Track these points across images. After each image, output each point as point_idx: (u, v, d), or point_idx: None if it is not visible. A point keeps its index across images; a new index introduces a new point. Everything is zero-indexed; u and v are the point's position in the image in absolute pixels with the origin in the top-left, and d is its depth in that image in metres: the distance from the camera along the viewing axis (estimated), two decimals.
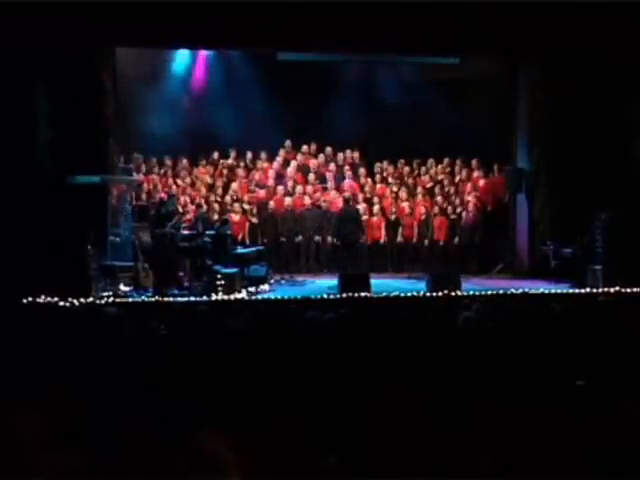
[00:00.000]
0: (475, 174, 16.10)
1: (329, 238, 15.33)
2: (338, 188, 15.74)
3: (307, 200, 15.44)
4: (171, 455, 2.67)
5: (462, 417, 3.35)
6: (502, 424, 3.28)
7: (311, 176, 15.91)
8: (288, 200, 15.42)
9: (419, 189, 15.94)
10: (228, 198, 15.20)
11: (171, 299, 11.47)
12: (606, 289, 12.11)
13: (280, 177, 15.95)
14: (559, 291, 12.40)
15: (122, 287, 12.29)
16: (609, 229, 13.04)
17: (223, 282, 11.98)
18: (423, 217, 15.58)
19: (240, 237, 14.85)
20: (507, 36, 12.57)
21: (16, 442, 2.78)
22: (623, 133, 14.30)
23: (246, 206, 15.28)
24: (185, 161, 15.79)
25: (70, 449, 2.79)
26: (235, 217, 14.85)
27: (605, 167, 14.03)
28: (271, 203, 15.44)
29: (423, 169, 16.40)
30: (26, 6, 10.81)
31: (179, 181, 15.46)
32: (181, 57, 15.99)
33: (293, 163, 16.09)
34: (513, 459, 3.01)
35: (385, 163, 16.39)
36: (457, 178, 16.24)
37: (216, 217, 14.44)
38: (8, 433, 2.82)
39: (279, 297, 11.78)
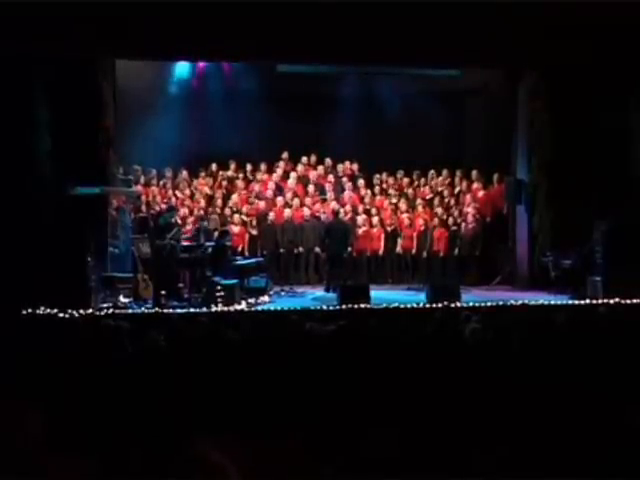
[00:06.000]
0: (475, 185, 16.11)
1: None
2: (337, 199, 15.75)
3: (306, 211, 15.45)
4: (170, 464, 2.66)
5: (462, 423, 3.35)
6: (502, 430, 3.28)
7: (310, 187, 15.93)
8: (287, 211, 15.42)
9: (419, 200, 15.95)
10: (228, 210, 15.22)
11: (171, 310, 11.46)
12: (606, 300, 12.10)
13: (279, 188, 15.96)
14: (559, 302, 12.40)
15: (122, 298, 12.29)
16: (609, 240, 13.04)
17: (223, 293, 11.99)
18: (422, 228, 15.57)
19: (240, 248, 14.86)
20: (507, 47, 12.59)
21: (16, 450, 2.78)
22: (622, 143, 14.31)
23: (245, 217, 15.28)
24: (184, 172, 15.82)
25: (68, 458, 2.78)
26: (235, 228, 14.86)
27: (604, 178, 14.03)
28: (271, 214, 15.44)
29: (423, 180, 16.44)
30: (27, 16, 10.84)
31: (178, 193, 15.47)
32: (181, 69, 16.05)
33: (293, 174, 16.12)
34: (517, 464, 3.01)
35: (385, 174, 16.43)
36: (457, 189, 16.25)
37: (216, 228, 14.41)
38: (8, 442, 2.82)
39: (279, 308, 11.79)
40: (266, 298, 13.13)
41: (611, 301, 11.95)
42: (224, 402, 3.65)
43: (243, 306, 12.14)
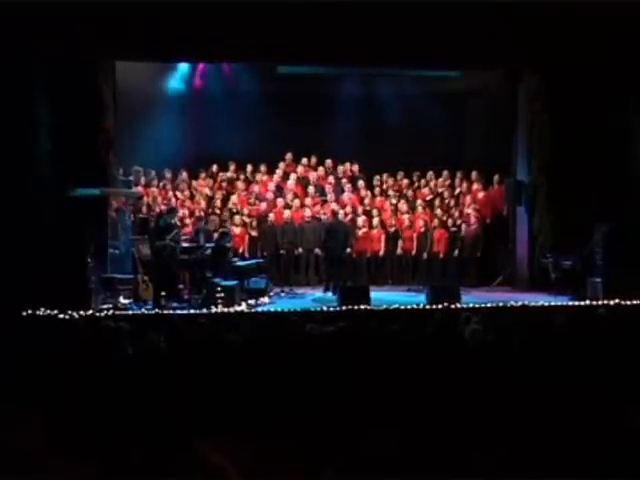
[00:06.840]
0: (475, 186, 16.11)
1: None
2: (337, 201, 15.75)
3: (307, 213, 15.45)
4: (170, 465, 2.66)
5: (462, 423, 3.35)
6: (502, 431, 3.28)
7: (311, 189, 15.93)
8: (288, 213, 15.42)
9: (419, 202, 15.94)
10: (227, 211, 15.21)
11: (171, 312, 11.45)
12: (606, 301, 12.08)
13: (280, 190, 15.96)
14: (559, 303, 12.39)
15: (122, 300, 12.28)
16: (609, 241, 13.03)
17: (223, 295, 11.97)
18: (422, 230, 15.56)
19: (240, 250, 14.85)
20: (507, 48, 12.59)
21: (16, 450, 2.78)
22: (622, 144, 14.30)
23: (246, 219, 15.28)
24: (184, 174, 15.81)
25: (68, 459, 2.78)
26: (235, 230, 14.85)
27: (604, 179, 14.03)
28: (271, 216, 15.43)
29: (423, 182, 16.43)
30: (27, 16, 10.84)
31: (178, 194, 15.47)
32: (181, 70, 16.06)
33: (293, 176, 16.12)
34: (517, 464, 3.02)
35: (385, 176, 16.43)
36: (457, 190, 16.25)
37: (216, 229, 14.39)
38: (8, 443, 2.82)
39: (279, 310, 11.78)
40: (266, 299, 13.12)
41: (611, 302, 11.92)
42: (224, 403, 3.65)
43: (243, 307, 12.13)
